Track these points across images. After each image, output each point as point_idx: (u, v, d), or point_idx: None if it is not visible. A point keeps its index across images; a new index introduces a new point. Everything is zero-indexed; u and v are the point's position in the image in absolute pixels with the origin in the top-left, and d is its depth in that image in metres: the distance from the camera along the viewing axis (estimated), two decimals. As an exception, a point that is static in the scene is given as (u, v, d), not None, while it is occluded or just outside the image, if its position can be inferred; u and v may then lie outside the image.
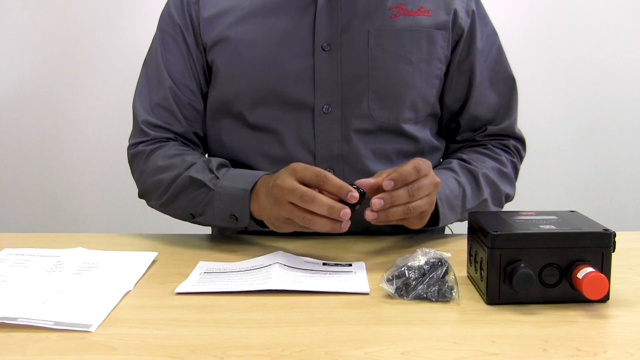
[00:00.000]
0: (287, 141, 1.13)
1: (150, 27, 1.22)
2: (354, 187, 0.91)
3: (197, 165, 1.07)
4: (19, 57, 2.06)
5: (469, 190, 1.10)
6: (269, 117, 1.13)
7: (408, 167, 0.92)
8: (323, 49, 1.10)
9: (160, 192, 1.11)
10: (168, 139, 1.16)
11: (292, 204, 0.90)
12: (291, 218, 0.91)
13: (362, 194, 0.92)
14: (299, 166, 0.92)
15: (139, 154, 1.15)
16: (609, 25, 2.12)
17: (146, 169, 1.13)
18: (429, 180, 0.94)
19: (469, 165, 1.14)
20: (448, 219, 1.07)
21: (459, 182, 1.10)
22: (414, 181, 0.92)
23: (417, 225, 0.97)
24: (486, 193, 1.13)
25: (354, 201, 0.89)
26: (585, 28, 2.12)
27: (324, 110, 1.12)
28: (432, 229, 1.13)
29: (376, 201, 0.90)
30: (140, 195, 1.17)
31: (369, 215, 0.91)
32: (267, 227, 1.01)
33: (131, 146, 1.18)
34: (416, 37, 1.13)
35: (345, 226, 0.90)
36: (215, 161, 1.08)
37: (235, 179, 1.03)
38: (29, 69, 2.07)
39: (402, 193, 0.91)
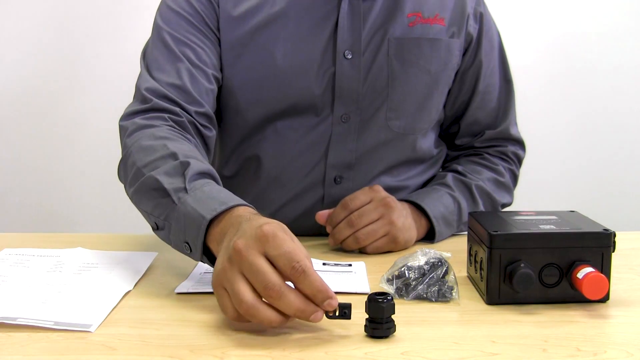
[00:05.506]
0: (299, 146, 1.11)
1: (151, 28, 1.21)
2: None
3: (173, 165, 0.87)
4: (19, 58, 2.06)
5: (464, 204, 1.13)
6: (284, 123, 1.11)
7: (337, 208, 1.03)
8: (345, 57, 1.08)
9: (130, 178, 0.92)
10: (169, 116, 1.00)
11: (245, 278, 0.68)
12: (231, 294, 0.68)
13: (347, 308, 0.69)
14: (273, 240, 0.68)
15: (129, 127, 0.98)
16: (608, 25, 2.11)
17: (128, 145, 0.96)
18: (372, 206, 1.01)
19: (463, 178, 1.16)
20: (444, 235, 1.11)
21: (454, 196, 1.12)
22: (352, 212, 1.01)
23: (396, 247, 1.02)
24: (481, 205, 1.15)
25: (331, 309, 0.68)
26: (585, 28, 2.11)
27: (342, 119, 1.10)
28: None
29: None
30: (118, 174, 1.01)
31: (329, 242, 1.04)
32: None
33: (124, 116, 1.02)
34: (435, 46, 1.12)
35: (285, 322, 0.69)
36: (196, 167, 0.86)
37: (202, 199, 0.81)
38: (29, 69, 2.06)
39: (342, 226, 1.01)
